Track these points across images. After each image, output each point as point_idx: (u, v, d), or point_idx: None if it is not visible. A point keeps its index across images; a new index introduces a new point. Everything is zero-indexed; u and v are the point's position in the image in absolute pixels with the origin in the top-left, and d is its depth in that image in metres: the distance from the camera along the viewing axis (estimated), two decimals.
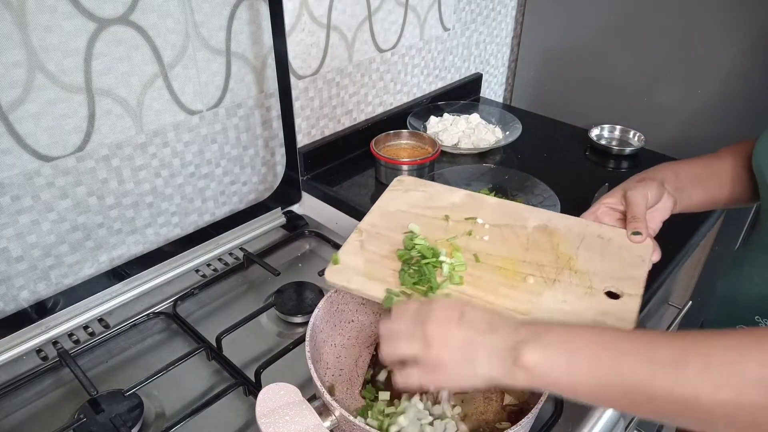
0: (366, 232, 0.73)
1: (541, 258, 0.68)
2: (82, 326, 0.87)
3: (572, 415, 0.72)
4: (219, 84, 0.95)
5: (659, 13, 1.34)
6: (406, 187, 0.80)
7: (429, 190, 0.79)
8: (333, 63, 1.14)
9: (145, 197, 0.93)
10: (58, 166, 0.81)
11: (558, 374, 0.49)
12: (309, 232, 1.08)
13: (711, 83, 1.32)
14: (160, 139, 0.91)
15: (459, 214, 0.75)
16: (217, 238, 1.03)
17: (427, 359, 0.52)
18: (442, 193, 0.79)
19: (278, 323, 0.89)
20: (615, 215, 0.73)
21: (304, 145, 1.17)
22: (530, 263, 0.68)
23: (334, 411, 0.58)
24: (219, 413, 0.73)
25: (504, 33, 1.64)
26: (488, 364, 0.51)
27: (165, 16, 0.84)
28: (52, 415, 0.74)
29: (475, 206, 0.76)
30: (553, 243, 0.70)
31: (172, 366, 0.77)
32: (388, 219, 0.75)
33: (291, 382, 0.60)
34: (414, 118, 1.33)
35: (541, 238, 0.71)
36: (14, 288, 0.83)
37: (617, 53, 1.45)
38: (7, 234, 0.79)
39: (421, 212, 0.75)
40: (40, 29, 0.72)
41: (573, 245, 0.70)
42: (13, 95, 0.73)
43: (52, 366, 0.80)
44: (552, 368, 0.49)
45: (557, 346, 0.49)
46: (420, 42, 1.34)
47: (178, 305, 0.90)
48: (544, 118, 1.46)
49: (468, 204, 0.77)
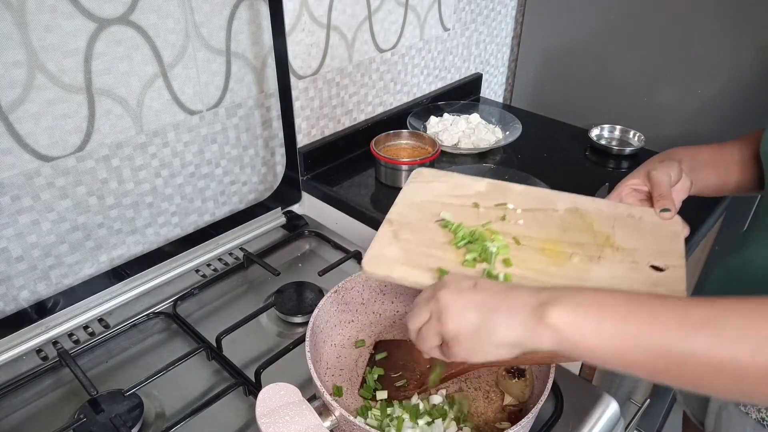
0: (396, 222, 0.71)
1: (579, 238, 0.68)
2: (82, 326, 0.87)
3: (572, 415, 0.72)
4: (219, 84, 0.95)
5: (659, 14, 1.34)
6: (426, 179, 0.78)
7: (451, 181, 0.78)
8: (333, 63, 1.14)
9: (145, 197, 0.93)
10: (58, 166, 0.81)
11: (586, 335, 0.47)
12: (309, 232, 1.08)
13: (711, 83, 1.32)
14: (160, 139, 0.91)
15: (488, 201, 0.74)
16: (217, 238, 1.03)
17: (444, 329, 0.51)
18: (466, 182, 0.78)
19: (278, 323, 0.89)
20: (638, 196, 0.74)
21: (304, 145, 1.17)
22: (571, 243, 0.67)
23: (334, 411, 0.58)
24: (219, 413, 0.73)
25: (504, 33, 1.64)
26: (509, 325, 0.49)
27: (165, 16, 0.84)
28: (52, 415, 0.74)
29: (502, 193, 0.76)
30: (587, 223, 0.70)
31: (172, 366, 0.77)
32: (416, 209, 0.73)
33: (291, 382, 0.60)
34: (414, 118, 1.33)
35: (575, 220, 0.71)
36: (14, 288, 0.83)
37: (617, 53, 1.45)
38: (7, 234, 0.79)
39: (448, 201, 0.74)
40: (40, 29, 0.72)
41: (607, 225, 0.70)
42: (13, 95, 0.73)
43: (52, 366, 0.80)
44: (580, 329, 0.47)
45: (586, 306, 0.48)
46: (420, 42, 1.34)
47: (178, 305, 0.90)
48: (544, 118, 1.46)
49: (494, 191, 0.76)
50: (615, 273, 0.63)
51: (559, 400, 0.73)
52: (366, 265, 0.65)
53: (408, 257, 0.66)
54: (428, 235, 0.69)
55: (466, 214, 0.72)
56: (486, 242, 0.66)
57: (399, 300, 0.81)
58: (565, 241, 0.68)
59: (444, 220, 0.70)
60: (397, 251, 0.67)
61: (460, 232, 0.67)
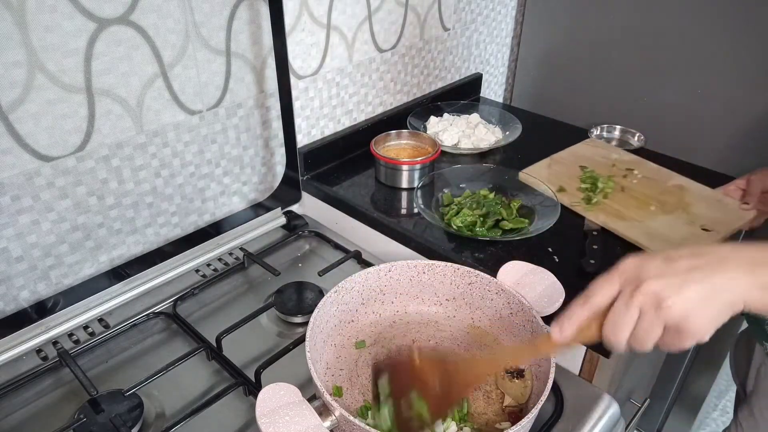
0: (554, 159, 1.17)
1: (666, 200, 1.03)
2: (82, 326, 0.87)
3: (572, 415, 0.72)
4: (219, 84, 0.95)
5: (659, 14, 1.34)
6: (594, 144, 1.24)
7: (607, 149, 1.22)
8: (333, 63, 1.14)
9: (145, 197, 0.93)
10: (58, 166, 0.81)
11: None
12: (309, 232, 1.08)
13: (711, 83, 1.32)
14: (160, 139, 0.91)
15: (623, 165, 1.15)
16: (217, 238, 1.03)
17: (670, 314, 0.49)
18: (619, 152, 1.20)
19: (278, 323, 0.89)
20: (740, 193, 1.02)
21: (304, 145, 1.17)
22: (658, 200, 1.04)
23: (334, 411, 0.58)
24: (219, 413, 0.73)
25: (504, 33, 1.64)
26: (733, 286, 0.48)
27: (165, 16, 0.84)
28: (52, 415, 0.74)
29: (638, 164, 1.15)
30: (681, 195, 1.05)
31: (172, 366, 0.77)
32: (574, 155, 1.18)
33: (291, 382, 0.60)
34: (414, 118, 1.33)
35: (674, 191, 1.06)
36: (14, 288, 0.83)
37: (617, 53, 1.45)
38: (7, 234, 0.79)
39: (597, 158, 1.17)
40: (40, 29, 0.72)
41: (695, 199, 1.03)
42: (13, 95, 0.73)
43: (52, 366, 0.80)
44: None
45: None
46: (420, 42, 1.34)
47: (178, 305, 0.90)
48: (544, 118, 1.46)
49: (633, 161, 1.17)
50: (672, 224, 0.97)
51: (559, 400, 0.73)
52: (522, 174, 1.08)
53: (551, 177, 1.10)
54: (570, 170, 1.13)
55: (603, 167, 1.13)
56: (599, 180, 1.07)
57: (399, 300, 0.81)
58: (654, 199, 1.04)
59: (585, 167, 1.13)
60: (545, 173, 1.11)
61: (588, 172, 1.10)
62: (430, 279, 0.79)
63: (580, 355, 0.89)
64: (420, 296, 0.81)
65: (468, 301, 0.79)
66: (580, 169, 1.13)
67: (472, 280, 0.77)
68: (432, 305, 0.82)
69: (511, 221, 0.99)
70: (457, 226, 0.98)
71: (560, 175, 1.11)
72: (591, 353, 0.88)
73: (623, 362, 1.02)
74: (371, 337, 0.78)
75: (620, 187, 1.06)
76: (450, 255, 0.96)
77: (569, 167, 1.14)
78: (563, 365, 0.81)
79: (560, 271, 0.75)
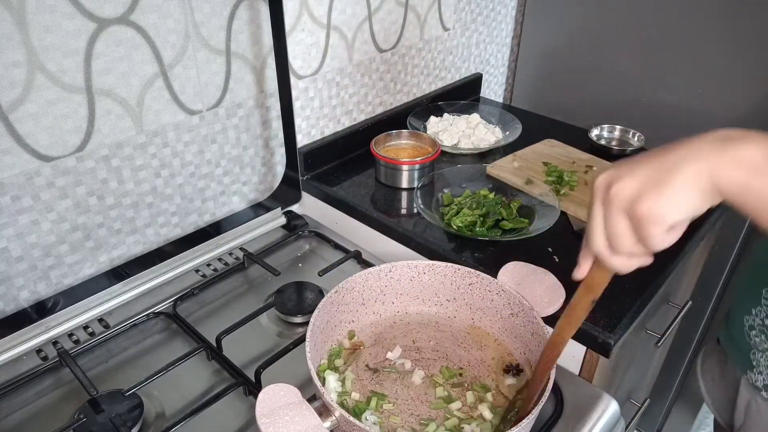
0: (517, 156, 1.21)
1: None
2: (82, 326, 0.87)
3: (572, 415, 0.72)
4: (219, 84, 0.95)
5: (659, 14, 1.34)
6: (552, 144, 1.28)
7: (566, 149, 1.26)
8: (333, 63, 1.14)
9: (145, 197, 0.93)
10: (58, 166, 0.81)
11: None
12: (309, 232, 1.08)
13: (711, 83, 1.32)
14: (160, 139, 0.91)
15: (582, 163, 1.20)
16: (217, 238, 1.03)
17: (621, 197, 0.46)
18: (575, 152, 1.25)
19: (278, 323, 0.89)
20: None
21: (304, 145, 1.17)
22: None
23: (334, 411, 0.58)
24: (219, 413, 0.73)
25: (504, 33, 1.64)
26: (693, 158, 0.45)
27: (165, 16, 0.84)
28: (52, 415, 0.74)
29: (596, 162, 1.20)
30: None
31: (172, 366, 0.77)
32: (536, 154, 1.23)
33: (291, 382, 0.60)
34: (414, 118, 1.33)
35: None
36: (14, 288, 0.83)
37: (617, 53, 1.45)
38: (7, 234, 0.79)
39: (558, 156, 1.23)
40: (40, 29, 0.72)
41: None
42: (13, 95, 0.73)
43: (52, 366, 0.80)
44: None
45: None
46: (420, 42, 1.34)
47: (178, 305, 0.90)
48: (544, 118, 1.46)
49: (590, 159, 1.22)
50: None
51: (559, 400, 0.73)
52: (489, 168, 1.14)
53: (517, 171, 1.15)
54: (534, 165, 1.18)
55: (564, 164, 1.19)
56: (564, 173, 1.13)
57: (399, 300, 0.81)
58: None
59: (548, 163, 1.19)
60: (511, 167, 1.17)
61: (552, 167, 1.16)
62: (431, 279, 0.79)
63: (580, 355, 0.89)
64: (420, 297, 0.81)
65: (468, 301, 0.79)
66: (544, 164, 1.18)
67: (472, 280, 0.77)
68: (432, 306, 0.82)
69: (511, 221, 0.99)
70: (457, 226, 0.98)
71: (525, 169, 1.16)
72: (591, 353, 0.88)
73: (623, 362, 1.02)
74: (371, 338, 0.78)
75: (583, 181, 1.13)
76: (450, 255, 0.96)
77: (533, 163, 1.19)
78: (563, 365, 0.81)
79: (560, 271, 0.75)
